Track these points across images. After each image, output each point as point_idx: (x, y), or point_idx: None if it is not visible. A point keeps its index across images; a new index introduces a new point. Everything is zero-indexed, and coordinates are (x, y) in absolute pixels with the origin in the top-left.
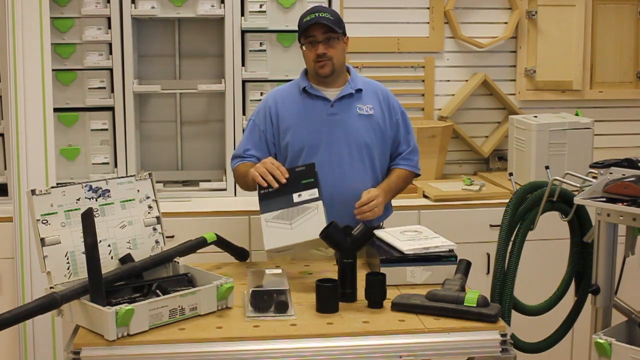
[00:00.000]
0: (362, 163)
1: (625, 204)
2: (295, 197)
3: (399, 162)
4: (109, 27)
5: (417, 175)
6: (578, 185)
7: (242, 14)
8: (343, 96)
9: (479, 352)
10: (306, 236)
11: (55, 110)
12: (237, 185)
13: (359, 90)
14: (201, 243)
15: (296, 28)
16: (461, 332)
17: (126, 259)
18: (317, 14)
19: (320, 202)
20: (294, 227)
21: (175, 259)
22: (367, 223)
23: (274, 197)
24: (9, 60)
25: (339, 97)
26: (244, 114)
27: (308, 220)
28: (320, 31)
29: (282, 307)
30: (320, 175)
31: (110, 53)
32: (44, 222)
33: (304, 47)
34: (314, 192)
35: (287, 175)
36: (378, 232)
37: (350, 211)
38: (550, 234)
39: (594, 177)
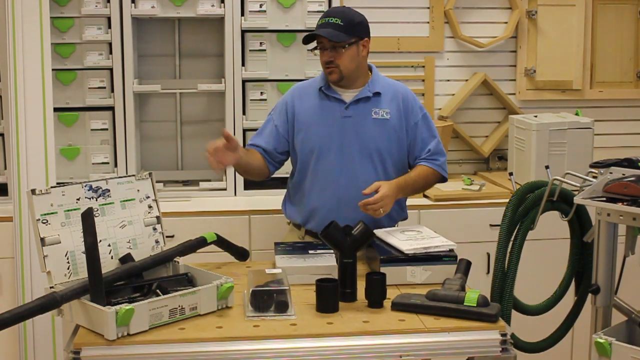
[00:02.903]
0: (374, 168)
1: (625, 203)
2: (311, 252)
3: (422, 161)
4: (109, 27)
5: (443, 178)
6: (578, 185)
7: (242, 14)
8: (359, 99)
9: (479, 351)
10: (317, 263)
11: (55, 110)
12: (236, 184)
13: (377, 94)
14: (201, 243)
15: (296, 27)
16: (461, 332)
17: (126, 258)
18: (327, 19)
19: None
20: (306, 260)
21: (175, 259)
22: (380, 223)
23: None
24: (9, 60)
25: (355, 99)
26: (244, 113)
27: (321, 257)
28: (327, 39)
29: (282, 307)
30: (331, 179)
31: (110, 53)
32: (44, 221)
33: (316, 51)
34: (329, 250)
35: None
36: (378, 232)
37: (359, 216)
38: (550, 234)
39: (594, 177)
